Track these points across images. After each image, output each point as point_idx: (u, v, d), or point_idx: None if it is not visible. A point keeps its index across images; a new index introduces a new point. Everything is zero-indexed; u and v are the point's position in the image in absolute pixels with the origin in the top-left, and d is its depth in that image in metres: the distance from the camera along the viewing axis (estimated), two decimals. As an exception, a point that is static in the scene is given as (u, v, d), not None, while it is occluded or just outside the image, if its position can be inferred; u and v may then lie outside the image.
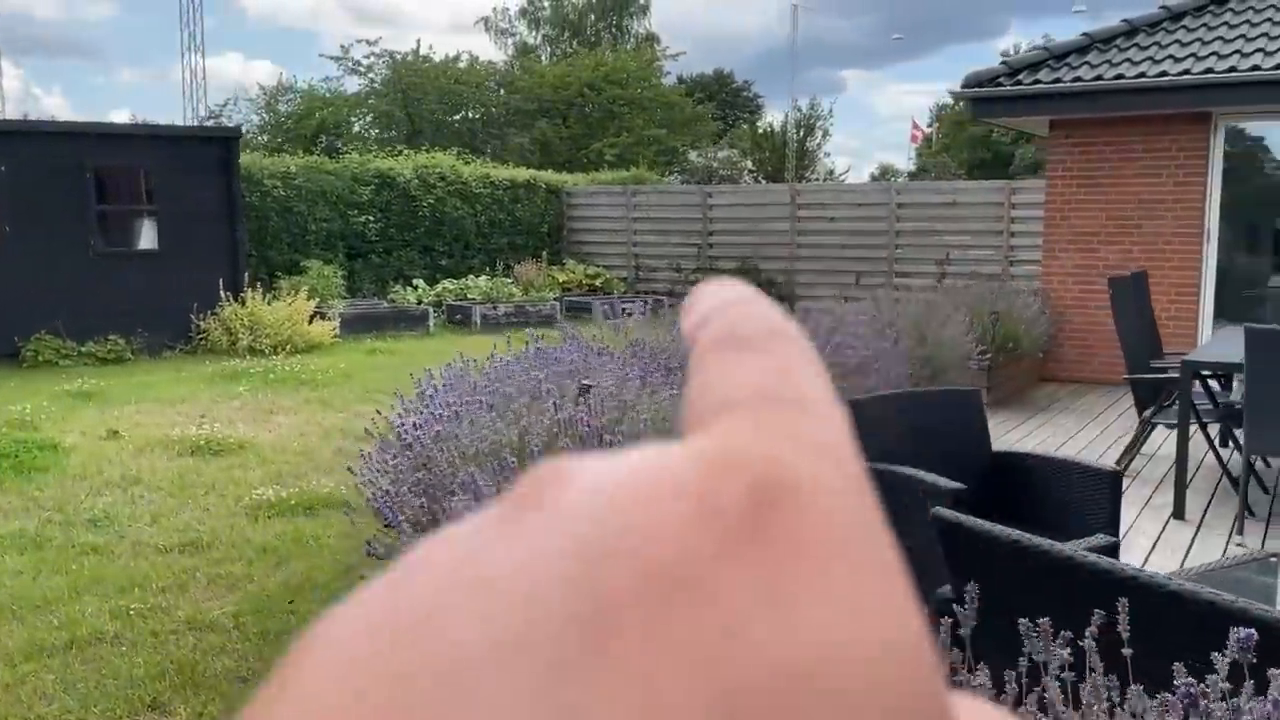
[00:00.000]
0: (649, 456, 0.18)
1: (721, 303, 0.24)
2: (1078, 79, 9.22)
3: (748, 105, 52.58)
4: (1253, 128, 9.80)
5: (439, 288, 15.96)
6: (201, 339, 11.98)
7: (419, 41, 36.82)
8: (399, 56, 36.60)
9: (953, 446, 4.02)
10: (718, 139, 45.27)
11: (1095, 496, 3.65)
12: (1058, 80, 9.35)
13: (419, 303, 15.28)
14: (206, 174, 12.17)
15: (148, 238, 12.00)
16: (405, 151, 18.67)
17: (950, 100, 49.16)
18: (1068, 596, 2.13)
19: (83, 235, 11.45)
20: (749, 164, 48.31)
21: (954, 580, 2.49)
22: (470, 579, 0.17)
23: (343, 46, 44.06)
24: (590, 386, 3.48)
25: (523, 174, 19.04)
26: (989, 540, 2.35)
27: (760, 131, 49.77)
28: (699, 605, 0.16)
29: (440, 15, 57.78)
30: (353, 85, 38.33)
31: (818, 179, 45.85)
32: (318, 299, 13.19)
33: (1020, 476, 3.96)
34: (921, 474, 3.49)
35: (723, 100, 48.11)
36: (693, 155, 45.08)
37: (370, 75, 37.07)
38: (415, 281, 16.28)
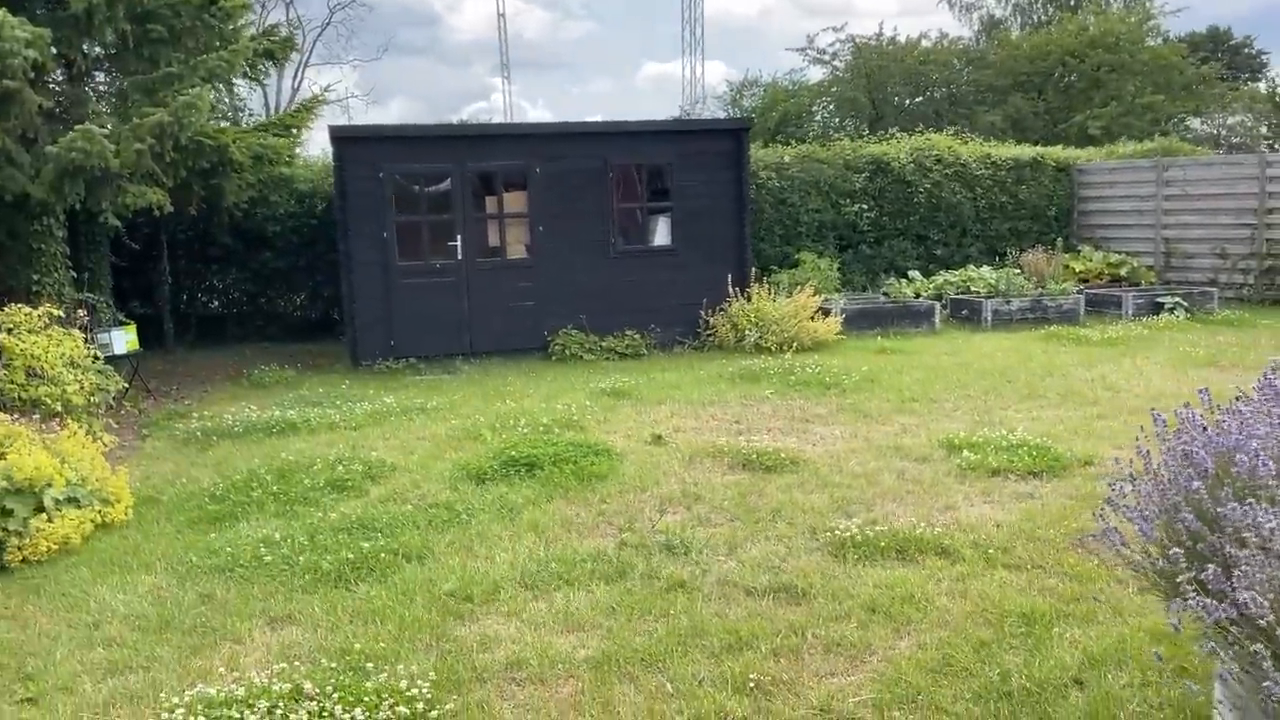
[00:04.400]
0: None
1: None
2: None
3: (1249, 64, 44.66)
4: None
5: (938, 279, 14.61)
6: (709, 335, 11.79)
7: (881, 24, 35.48)
8: (862, 41, 35.57)
9: None
10: (1224, 103, 38.86)
11: None
12: None
13: (917, 296, 14.07)
14: (719, 168, 11.95)
15: (662, 234, 12.04)
16: (894, 135, 17.50)
17: None
18: None
19: (604, 234, 11.72)
20: (1264, 130, 40.96)
21: None
22: None
23: (808, 36, 44.13)
24: None
25: (1028, 152, 17.02)
26: None
27: (1283, 91, 41.99)
28: None
29: (889, 3, 56.01)
30: (815, 75, 38.04)
31: (1359, 144, 37.58)
32: (819, 295, 12.50)
33: None
34: None
35: (1218, 60, 41.06)
36: (1195, 123, 39.07)
37: (834, 63, 36.48)
38: (910, 273, 15.08)
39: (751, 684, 3.50)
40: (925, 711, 3.31)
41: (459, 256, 11.34)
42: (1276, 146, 37.07)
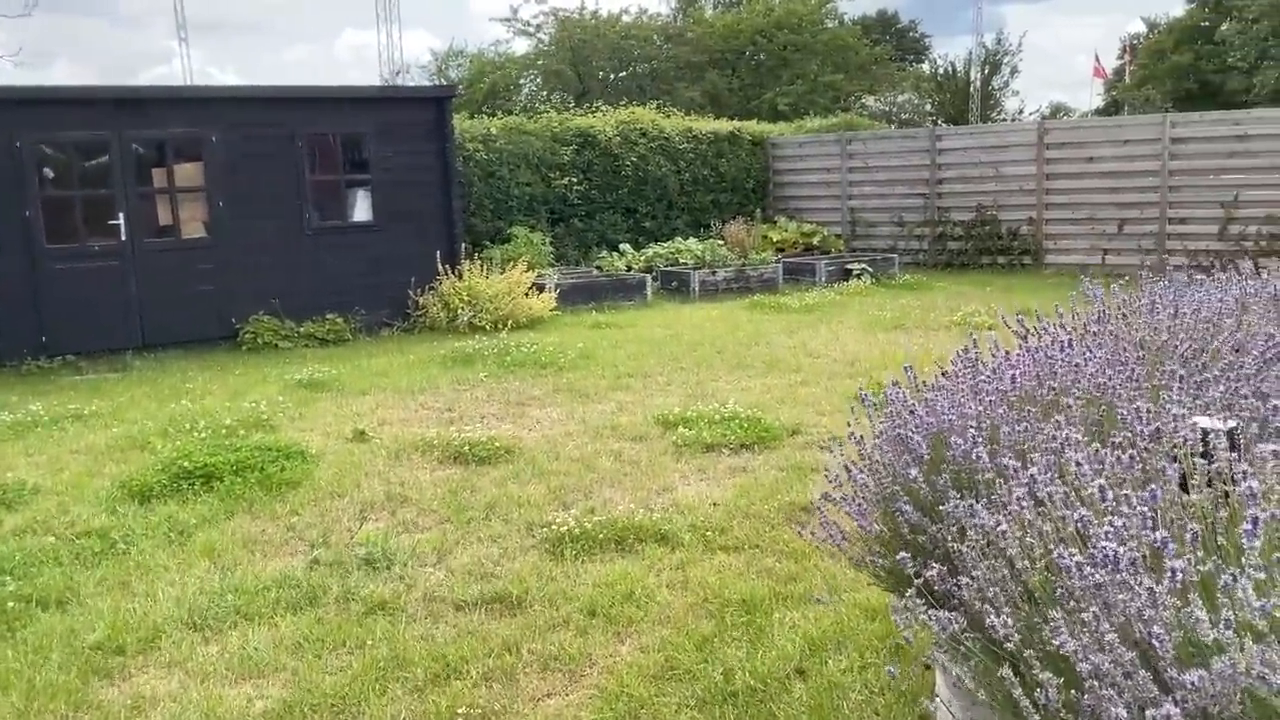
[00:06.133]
0: None
1: None
2: None
3: (914, 46, 49.39)
4: None
5: (648, 252, 14.76)
6: (420, 316, 11.16)
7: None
8: (565, 15, 35.59)
9: None
10: (894, 82, 42.66)
11: None
12: None
13: (629, 269, 14.13)
14: (421, 139, 11.26)
15: (362, 210, 11.22)
16: (600, 108, 17.49)
17: (1145, 29, 44.44)
18: None
19: (297, 209, 10.74)
20: (928, 107, 45.34)
21: None
22: None
23: (512, 7, 43.55)
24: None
25: (726, 126, 17.58)
26: None
27: (943, 71, 46.70)
28: None
29: (596, -27, 56.91)
30: (521, 47, 37.63)
31: (1005, 119, 42.53)
32: (533, 270, 12.20)
33: None
34: None
35: (888, 42, 45.05)
36: (870, 101, 42.47)
37: (539, 36, 36.25)
38: (621, 246, 15.14)
39: (459, 719, 3.10)
40: (649, 726, 3.06)
41: (123, 237, 9.97)
42: (940, 121, 41.14)
